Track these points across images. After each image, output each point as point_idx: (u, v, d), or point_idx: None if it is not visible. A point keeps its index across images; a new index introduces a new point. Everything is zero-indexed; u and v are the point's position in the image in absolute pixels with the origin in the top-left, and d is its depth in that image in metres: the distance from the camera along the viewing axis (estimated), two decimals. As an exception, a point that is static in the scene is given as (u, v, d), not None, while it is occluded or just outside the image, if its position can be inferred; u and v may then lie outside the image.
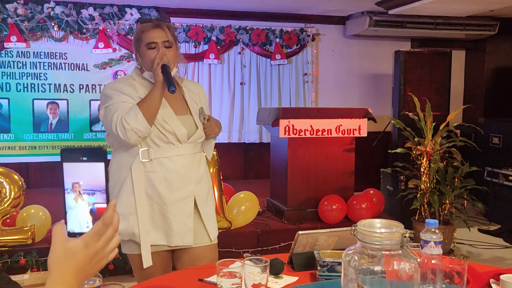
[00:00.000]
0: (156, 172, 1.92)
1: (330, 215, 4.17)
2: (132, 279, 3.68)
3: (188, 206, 1.97)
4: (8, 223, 3.69)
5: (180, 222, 1.94)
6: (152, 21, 1.98)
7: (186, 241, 1.96)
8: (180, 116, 1.99)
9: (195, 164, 2.00)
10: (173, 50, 1.98)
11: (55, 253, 0.88)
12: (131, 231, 1.92)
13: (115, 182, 1.96)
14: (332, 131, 4.24)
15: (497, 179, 5.24)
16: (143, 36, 1.96)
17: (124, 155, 1.95)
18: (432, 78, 5.27)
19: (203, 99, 2.14)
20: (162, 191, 1.92)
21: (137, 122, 1.83)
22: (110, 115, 1.89)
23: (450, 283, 1.30)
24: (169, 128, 1.92)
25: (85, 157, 0.90)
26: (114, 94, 1.93)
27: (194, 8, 5.80)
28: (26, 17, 5.30)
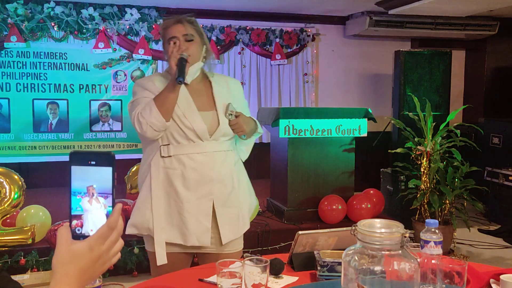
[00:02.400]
0: (174, 168, 1.90)
1: (330, 215, 4.17)
2: (132, 279, 3.69)
3: (205, 206, 1.91)
4: (8, 223, 3.69)
5: (196, 221, 1.90)
6: (174, 17, 1.97)
7: (202, 240, 1.91)
8: (203, 112, 1.94)
9: (217, 163, 1.93)
10: (195, 44, 1.94)
11: (59, 255, 0.89)
12: (147, 226, 1.92)
13: (140, 177, 2.00)
14: (332, 131, 4.23)
15: (497, 179, 5.24)
16: (165, 32, 1.96)
17: (147, 150, 1.97)
18: (432, 78, 5.27)
19: (236, 93, 2.07)
20: (179, 189, 1.89)
21: (152, 116, 1.82)
22: (131, 110, 1.93)
23: (450, 283, 1.30)
24: (188, 124, 1.89)
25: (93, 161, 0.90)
26: (138, 90, 1.97)
27: (194, 8, 5.80)
28: (26, 17, 5.30)
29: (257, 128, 2.09)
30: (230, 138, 2.00)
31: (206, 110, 1.96)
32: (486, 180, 5.32)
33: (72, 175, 0.90)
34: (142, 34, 5.64)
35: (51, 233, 3.57)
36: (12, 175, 3.61)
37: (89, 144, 5.72)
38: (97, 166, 0.90)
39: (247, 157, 2.16)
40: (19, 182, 3.60)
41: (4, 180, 3.55)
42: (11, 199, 3.55)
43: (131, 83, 5.79)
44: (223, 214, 1.96)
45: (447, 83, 5.34)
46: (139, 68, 5.79)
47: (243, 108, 2.07)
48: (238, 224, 2.02)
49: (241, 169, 2.09)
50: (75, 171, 0.90)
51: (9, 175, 3.60)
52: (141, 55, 5.65)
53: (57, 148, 5.62)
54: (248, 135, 2.04)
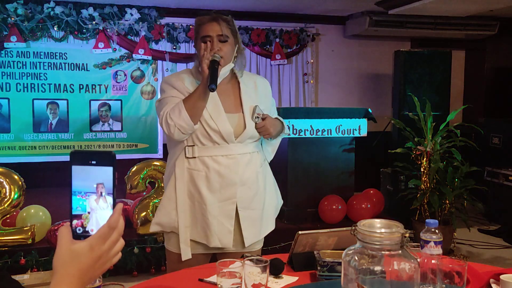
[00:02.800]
0: (199, 170, 1.89)
1: (330, 215, 4.17)
2: (132, 279, 3.69)
3: (229, 208, 1.91)
4: (8, 223, 3.69)
5: (219, 224, 1.89)
6: (210, 15, 1.94)
7: (225, 242, 1.91)
8: (230, 114, 1.92)
9: (242, 166, 1.91)
10: (228, 45, 1.91)
11: (60, 254, 0.89)
12: (172, 225, 1.93)
13: (166, 176, 2.01)
14: (332, 131, 4.24)
15: (497, 179, 5.24)
16: (199, 29, 1.93)
17: (173, 150, 1.97)
18: (432, 78, 5.27)
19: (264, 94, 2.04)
20: (203, 191, 1.89)
21: (181, 119, 1.81)
22: (160, 109, 1.92)
23: (450, 283, 1.30)
24: (214, 126, 1.87)
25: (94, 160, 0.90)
26: (166, 88, 1.95)
27: (194, 8, 5.79)
28: (26, 17, 5.30)
29: (284, 129, 2.07)
30: (256, 140, 1.98)
31: (233, 112, 1.94)
32: (486, 180, 5.31)
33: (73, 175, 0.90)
34: (142, 34, 5.64)
35: (51, 233, 3.57)
36: (12, 175, 3.61)
37: (89, 144, 5.72)
38: (98, 165, 0.90)
39: (272, 157, 2.14)
40: (19, 182, 3.60)
41: (4, 180, 3.55)
42: (11, 199, 3.55)
43: (131, 83, 5.79)
44: (247, 216, 1.95)
45: (447, 83, 5.34)
46: (139, 68, 5.79)
47: (270, 108, 2.05)
48: (261, 226, 2.01)
49: (267, 170, 2.08)
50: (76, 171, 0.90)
51: (9, 175, 3.60)
52: (141, 55, 5.65)
53: (57, 148, 5.62)
54: (274, 136, 2.02)
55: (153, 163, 3.94)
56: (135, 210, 3.83)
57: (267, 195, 2.04)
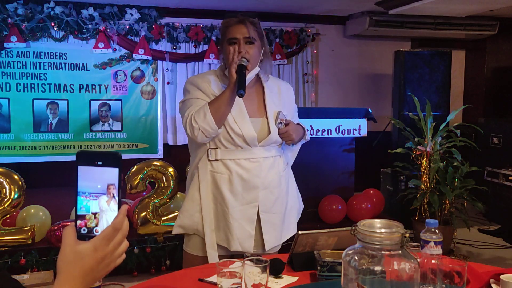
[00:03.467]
0: (221, 173, 1.89)
1: (330, 215, 4.17)
2: (132, 279, 3.69)
3: (250, 212, 1.90)
4: (8, 223, 3.69)
5: (240, 227, 1.89)
6: (237, 17, 1.92)
7: (245, 246, 1.91)
8: (254, 118, 1.92)
9: (264, 170, 1.91)
10: (255, 48, 1.90)
11: (64, 255, 0.89)
12: (196, 227, 1.92)
13: (188, 178, 2.00)
14: (332, 131, 4.24)
15: (497, 179, 5.24)
16: (226, 31, 1.91)
17: (196, 152, 1.96)
18: (432, 78, 5.27)
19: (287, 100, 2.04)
20: (225, 194, 1.88)
21: (205, 122, 1.80)
22: (184, 110, 1.91)
23: (450, 283, 1.30)
24: (238, 130, 1.87)
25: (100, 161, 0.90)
26: (191, 89, 1.94)
27: (194, 8, 5.79)
28: (26, 17, 5.30)
29: (305, 135, 2.08)
30: (279, 144, 1.98)
31: (257, 116, 1.94)
32: (486, 180, 5.31)
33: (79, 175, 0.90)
34: (142, 34, 5.64)
35: (51, 233, 3.56)
36: (12, 175, 3.61)
37: (89, 144, 5.72)
38: (104, 166, 0.89)
39: (292, 162, 2.14)
40: (19, 182, 3.60)
41: (4, 180, 3.55)
42: (11, 199, 3.54)
43: (131, 83, 5.79)
44: (268, 220, 1.95)
45: (447, 83, 5.34)
46: (139, 68, 5.79)
47: (292, 114, 2.07)
48: (282, 230, 2.01)
49: (290, 174, 2.08)
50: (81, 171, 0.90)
51: (9, 175, 3.60)
52: (141, 55, 5.65)
53: (57, 148, 5.62)
54: (296, 142, 2.03)
55: (153, 163, 3.93)
56: (135, 210, 3.83)
57: (289, 199, 2.04)
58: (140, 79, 5.82)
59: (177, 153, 5.93)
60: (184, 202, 1.98)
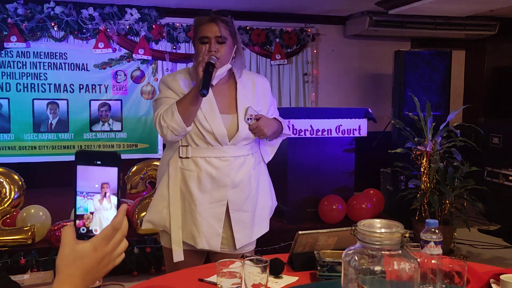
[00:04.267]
0: (191, 170, 1.90)
1: (330, 215, 4.17)
2: (132, 279, 3.69)
3: (219, 210, 1.91)
4: (8, 223, 3.69)
5: (208, 225, 1.90)
6: (209, 15, 1.94)
7: (212, 244, 1.91)
8: (225, 114, 1.92)
9: (234, 169, 1.91)
10: (226, 46, 1.90)
11: (63, 255, 0.89)
12: (163, 224, 1.94)
13: (159, 174, 2.03)
14: (332, 131, 4.24)
15: (497, 179, 5.24)
16: (198, 29, 1.93)
17: (168, 149, 1.99)
18: (432, 78, 5.27)
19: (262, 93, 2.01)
20: (194, 191, 1.89)
21: (173, 121, 1.82)
22: (155, 109, 1.94)
23: (450, 283, 1.30)
24: (208, 127, 1.87)
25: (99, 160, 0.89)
26: (162, 88, 1.96)
27: (194, 8, 5.79)
28: (26, 17, 5.30)
29: (283, 130, 2.05)
30: (251, 141, 1.97)
31: (227, 113, 1.93)
32: (486, 180, 5.31)
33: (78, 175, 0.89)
34: (142, 34, 5.64)
35: (51, 233, 3.57)
36: (12, 175, 3.61)
37: (89, 144, 5.72)
38: (103, 166, 0.89)
39: (270, 158, 2.12)
40: (19, 182, 3.60)
41: (4, 180, 3.55)
42: (11, 199, 3.55)
43: (131, 83, 5.79)
44: (238, 219, 1.95)
45: (447, 83, 5.34)
46: (139, 68, 5.80)
47: (268, 107, 2.04)
48: (253, 228, 2.01)
49: (262, 171, 2.06)
50: (80, 171, 0.89)
51: (9, 175, 3.60)
52: (141, 55, 5.65)
53: (57, 148, 5.62)
54: (271, 137, 2.01)
55: (153, 163, 3.93)
56: (135, 210, 3.83)
57: (260, 197, 2.03)
58: (140, 79, 5.82)
59: (177, 153, 5.92)
60: (153, 198, 1.99)
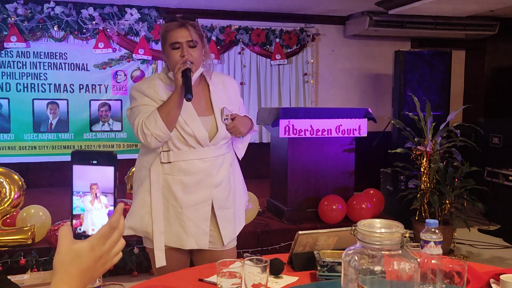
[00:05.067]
0: (174, 175, 1.91)
1: (330, 215, 4.16)
2: (132, 279, 3.69)
3: (204, 210, 1.94)
4: (8, 223, 3.69)
5: (195, 226, 1.92)
6: (178, 20, 1.92)
7: (201, 244, 1.94)
8: (203, 117, 1.94)
9: (215, 168, 1.95)
10: (198, 50, 1.92)
11: (61, 254, 0.89)
12: (145, 229, 1.94)
13: (136, 179, 2.01)
14: (332, 131, 4.23)
15: (497, 179, 5.24)
16: (167, 35, 1.92)
17: (146, 155, 1.97)
18: (432, 78, 5.27)
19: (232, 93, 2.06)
20: (178, 194, 1.91)
21: (157, 128, 1.82)
22: (133, 118, 1.92)
23: (450, 283, 1.30)
24: (189, 131, 1.89)
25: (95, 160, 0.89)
26: (137, 96, 1.94)
27: (194, 8, 5.80)
28: (26, 17, 5.30)
29: (253, 126, 2.10)
30: (228, 141, 2.02)
31: (205, 115, 1.96)
32: (486, 180, 5.31)
33: (74, 174, 0.89)
34: (142, 34, 5.64)
35: (51, 233, 3.57)
36: (12, 175, 3.60)
37: (89, 144, 5.72)
38: (99, 165, 0.89)
39: (243, 155, 2.15)
40: (19, 182, 3.60)
41: (4, 180, 3.55)
42: (11, 199, 3.54)
43: (131, 83, 5.79)
44: (223, 216, 1.99)
45: (447, 83, 5.34)
46: (139, 68, 5.80)
47: (238, 107, 2.08)
48: (235, 223, 2.07)
49: (236, 168, 2.11)
50: (76, 170, 0.89)
51: (9, 175, 3.60)
52: (141, 55, 5.66)
53: (57, 148, 5.62)
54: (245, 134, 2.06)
55: (153, 163, 3.93)
56: (135, 210, 3.83)
57: (237, 193, 2.08)
58: (140, 79, 5.82)
59: (177, 153, 5.92)
60: (133, 204, 1.98)
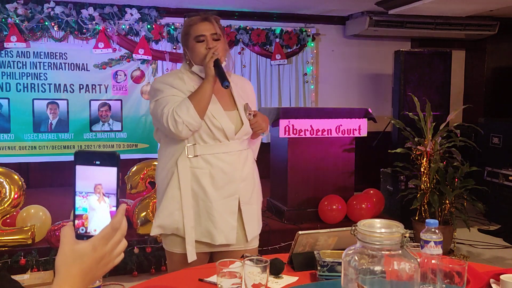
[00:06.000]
0: (202, 168, 1.91)
1: (330, 215, 4.17)
2: (132, 279, 3.69)
3: (232, 204, 1.94)
4: (8, 223, 3.69)
5: (224, 220, 1.92)
6: (200, 15, 1.96)
7: (229, 239, 1.93)
8: (228, 111, 1.96)
9: (241, 162, 1.97)
10: (221, 43, 1.94)
11: (63, 254, 0.89)
12: (175, 226, 1.92)
13: (163, 177, 1.98)
14: (332, 131, 4.24)
15: (497, 179, 5.24)
16: (191, 29, 1.94)
17: (171, 150, 1.96)
18: (432, 78, 5.27)
19: (250, 94, 2.11)
20: (208, 188, 1.90)
21: (189, 116, 1.83)
22: (160, 108, 1.90)
23: (450, 283, 1.30)
24: (218, 124, 1.90)
25: (98, 161, 0.89)
26: (164, 88, 1.94)
27: (194, 8, 5.80)
28: (26, 17, 5.30)
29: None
30: (248, 136, 2.03)
31: (230, 110, 1.98)
32: (486, 180, 5.31)
33: (77, 175, 0.90)
34: (142, 34, 5.64)
35: (51, 233, 3.57)
36: (12, 175, 3.61)
37: (89, 144, 5.72)
38: (102, 166, 0.89)
39: (256, 156, 2.17)
40: (19, 182, 3.60)
41: (4, 180, 3.55)
42: (11, 199, 3.55)
43: (131, 83, 5.79)
44: (248, 211, 1.99)
45: (447, 83, 5.34)
46: (139, 68, 5.80)
47: (255, 106, 2.11)
48: (258, 220, 2.07)
49: (256, 167, 2.12)
50: (79, 171, 0.90)
51: (9, 175, 3.60)
52: (141, 55, 5.65)
53: (57, 148, 5.62)
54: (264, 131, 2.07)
55: (153, 163, 3.94)
56: (135, 210, 3.83)
57: (258, 190, 2.09)
58: (140, 79, 5.82)
59: (177, 153, 5.93)
60: (162, 201, 1.96)
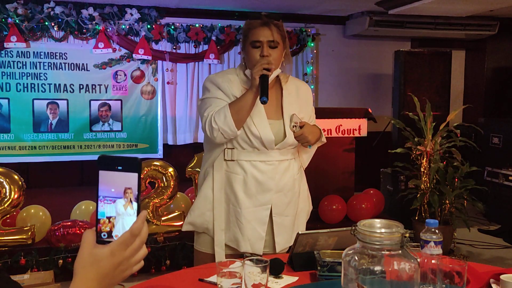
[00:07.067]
0: (236, 173, 1.90)
1: (330, 215, 4.17)
2: (132, 279, 3.69)
3: (263, 214, 1.91)
4: (8, 223, 3.69)
5: (252, 229, 1.90)
6: (261, 19, 1.91)
7: (256, 248, 1.91)
8: (272, 120, 1.92)
9: (279, 172, 1.92)
10: (278, 51, 1.89)
11: (81, 257, 0.89)
12: (206, 226, 1.93)
13: (201, 176, 2.00)
14: (332, 131, 4.24)
15: (497, 179, 5.24)
16: (249, 33, 1.90)
17: (211, 150, 1.95)
18: (432, 78, 5.27)
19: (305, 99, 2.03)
20: (239, 194, 1.89)
21: (225, 124, 1.80)
22: (203, 108, 1.90)
23: (450, 283, 1.30)
24: (256, 132, 1.87)
25: (120, 166, 0.89)
26: (211, 88, 1.93)
27: (194, 8, 5.79)
28: (26, 17, 5.30)
29: (321, 137, 2.04)
30: (295, 147, 1.98)
31: (274, 118, 1.94)
32: (486, 180, 5.31)
33: (100, 180, 0.89)
34: (142, 34, 5.64)
35: (51, 233, 3.57)
36: (12, 175, 3.60)
37: (89, 144, 5.72)
38: (124, 171, 0.89)
39: (306, 165, 2.13)
40: (19, 182, 3.60)
41: (4, 180, 3.55)
42: (11, 199, 3.54)
43: (131, 83, 5.79)
44: (280, 223, 1.95)
45: (447, 83, 5.34)
46: (139, 68, 5.80)
47: (310, 115, 2.05)
48: (292, 232, 2.01)
49: (303, 176, 2.08)
50: (102, 176, 0.89)
51: (9, 175, 3.59)
52: (141, 55, 5.65)
53: (57, 148, 5.62)
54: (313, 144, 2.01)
55: (153, 163, 3.93)
56: (135, 210, 3.82)
57: (300, 201, 2.04)
58: (140, 79, 5.82)
59: (177, 153, 5.93)
60: (196, 199, 1.98)
